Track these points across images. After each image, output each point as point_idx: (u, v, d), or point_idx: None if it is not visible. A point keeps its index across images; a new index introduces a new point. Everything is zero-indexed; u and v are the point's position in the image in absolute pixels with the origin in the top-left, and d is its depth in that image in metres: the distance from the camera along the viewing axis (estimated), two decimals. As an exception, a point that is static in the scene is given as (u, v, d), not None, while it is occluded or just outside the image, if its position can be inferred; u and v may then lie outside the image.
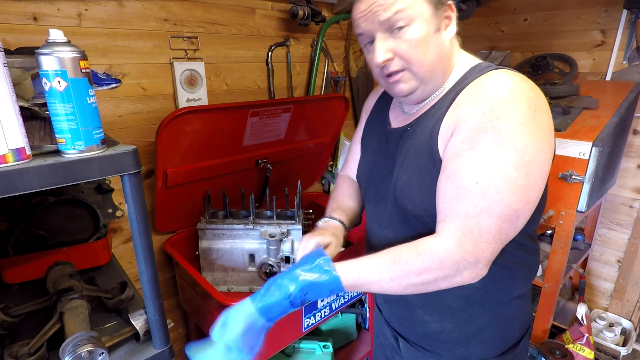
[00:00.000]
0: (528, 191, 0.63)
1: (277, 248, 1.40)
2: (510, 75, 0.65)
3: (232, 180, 1.59)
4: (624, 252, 1.96)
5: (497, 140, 0.61)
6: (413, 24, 0.68)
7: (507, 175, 0.61)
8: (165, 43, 1.41)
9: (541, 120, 0.63)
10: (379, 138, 0.90)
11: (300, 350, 1.62)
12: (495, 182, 0.61)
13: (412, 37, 0.68)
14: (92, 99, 0.63)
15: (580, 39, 1.89)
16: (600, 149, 1.45)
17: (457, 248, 0.64)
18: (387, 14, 0.67)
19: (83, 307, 0.86)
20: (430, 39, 0.69)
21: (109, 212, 1.19)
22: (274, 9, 1.71)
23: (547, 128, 0.64)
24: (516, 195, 0.62)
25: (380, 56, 0.70)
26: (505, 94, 0.62)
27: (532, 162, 0.62)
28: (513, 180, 0.61)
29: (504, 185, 0.61)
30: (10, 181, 0.56)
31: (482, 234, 0.63)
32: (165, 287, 1.64)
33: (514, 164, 0.61)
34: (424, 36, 0.68)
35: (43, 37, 0.65)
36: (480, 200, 0.62)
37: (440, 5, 0.70)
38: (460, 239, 0.64)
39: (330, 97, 1.74)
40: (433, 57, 0.71)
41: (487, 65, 0.72)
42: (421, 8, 0.67)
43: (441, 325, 0.84)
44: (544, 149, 0.63)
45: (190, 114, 1.25)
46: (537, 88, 0.66)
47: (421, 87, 0.74)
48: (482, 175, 0.62)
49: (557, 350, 1.69)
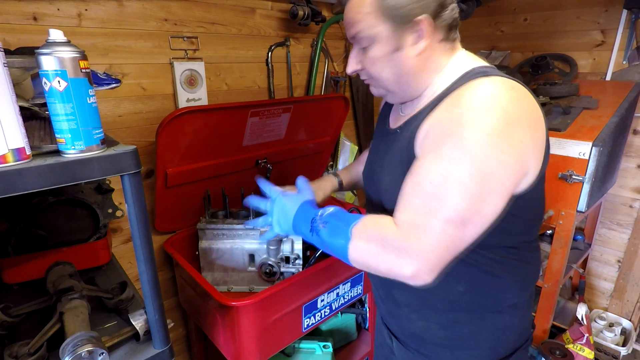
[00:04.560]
0: (480, 202, 0.62)
1: (277, 248, 1.40)
2: (496, 84, 0.64)
3: (232, 180, 1.59)
4: (624, 252, 1.96)
5: (457, 146, 0.62)
6: (373, 45, 0.72)
7: (460, 181, 0.61)
8: (165, 43, 1.41)
9: (513, 133, 0.62)
10: (380, 138, 0.92)
11: (300, 350, 1.62)
12: (447, 186, 0.61)
13: (371, 56, 0.74)
14: (92, 99, 0.63)
15: (580, 39, 1.89)
16: (600, 149, 1.45)
17: (402, 237, 0.63)
18: (352, 32, 0.74)
19: (83, 307, 0.86)
20: (388, 58, 0.72)
21: (109, 212, 1.19)
22: (274, 9, 1.71)
23: (518, 142, 0.62)
24: (465, 203, 0.61)
25: (350, 67, 0.78)
26: (477, 103, 0.63)
27: (490, 174, 0.61)
28: (465, 188, 0.61)
29: (455, 191, 0.61)
30: (10, 181, 0.56)
31: (426, 233, 0.62)
32: (165, 287, 1.64)
33: (469, 172, 0.60)
34: (381, 56, 0.73)
35: (43, 37, 0.65)
36: (430, 200, 0.62)
37: (404, 24, 0.68)
38: (407, 230, 0.63)
39: (330, 97, 1.74)
40: (391, 75, 0.75)
41: (480, 71, 0.70)
42: (379, 28, 0.70)
43: (427, 325, 0.84)
44: (507, 162, 0.62)
45: (190, 114, 1.25)
46: (525, 100, 0.65)
47: (389, 95, 0.78)
48: (436, 177, 0.62)
49: (557, 350, 1.69)
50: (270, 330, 1.26)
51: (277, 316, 1.26)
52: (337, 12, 1.92)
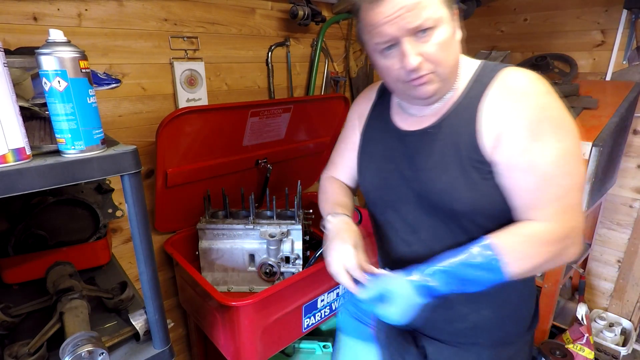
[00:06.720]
0: (583, 161, 0.74)
1: (277, 248, 1.40)
2: (525, 71, 0.73)
3: (232, 180, 1.59)
4: (624, 252, 1.95)
5: (554, 125, 0.69)
6: (439, 27, 0.69)
7: (574, 152, 0.70)
8: (165, 43, 1.41)
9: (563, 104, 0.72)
10: (387, 143, 0.87)
11: (300, 350, 1.62)
12: (569, 161, 0.69)
13: (440, 40, 0.70)
14: (92, 99, 0.63)
15: (580, 39, 1.89)
16: (600, 149, 1.45)
17: (560, 228, 0.69)
18: (418, 20, 0.67)
19: (83, 307, 0.86)
20: (452, 40, 0.73)
21: (109, 212, 1.19)
22: (274, 9, 1.71)
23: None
24: (583, 166, 0.72)
25: (414, 60, 0.69)
26: (540, 88, 0.71)
27: (578, 137, 0.71)
28: (578, 155, 0.71)
29: (575, 161, 0.70)
30: (10, 181, 0.56)
31: (574, 209, 0.70)
32: (165, 287, 1.64)
33: (574, 142, 0.70)
34: (449, 38, 0.71)
35: (43, 37, 0.65)
36: (565, 181, 0.69)
37: (452, 10, 0.72)
38: (560, 219, 0.69)
39: (330, 97, 1.74)
40: (455, 58, 0.74)
41: (495, 64, 0.77)
42: (443, 12, 0.70)
43: (479, 314, 0.86)
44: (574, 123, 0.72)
45: (190, 114, 1.25)
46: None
47: (441, 88, 0.76)
48: (556, 160, 0.68)
49: (557, 350, 1.69)
50: (270, 330, 1.26)
51: (277, 316, 1.26)
52: (337, 12, 1.92)
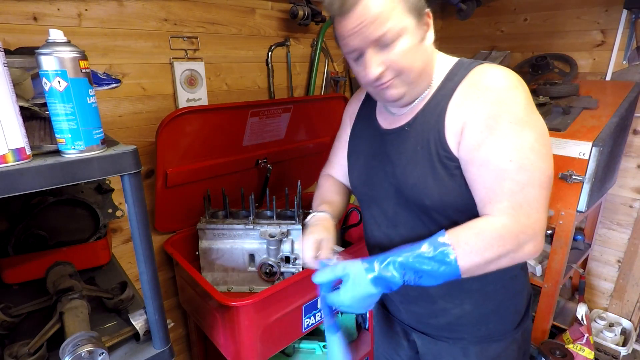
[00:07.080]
0: (550, 158, 0.70)
1: (277, 248, 1.40)
2: (496, 67, 0.73)
3: (232, 180, 1.59)
4: (624, 252, 1.96)
5: (512, 121, 0.68)
6: (403, 37, 0.71)
7: (532, 147, 0.68)
8: (165, 43, 1.41)
9: (532, 100, 0.72)
10: (371, 141, 0.91)
11: (300, 350, 1.62)
12: (526, 156, 0.67)
13: (403, 48, 0.71)
14: (92, 99, 0.63)
15: (580, 39, 1.89)
16: (600, 149, 1.45)
17: (513, 223, 0.67)
18: (378, 33, 0.69)
19: (83, 307, 0.86)
20: (418, 47, 0.73)
21: (109, 212, 1.19)
22: (274, 9, 1.71)
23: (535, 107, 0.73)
24: (545, 163, 0.69)
25: (374, 71, 0.72)
26: (503, 83, 0.70)
27: (544, 134, 0.70)
28: (538, 150, 0.68)
29: (534, 156, 0.67)
30: (10, 181, 0.56)
31: (531, 205, 0.67)
32: (165, 287, 1.64)
33: (534, 137, 0.68)
34: (414, 46, 0.72)
35: (43, 37, 0.65)
36: (519, 176, 0.67)
37: (421, 17, 0.73)
38: (514, 214, 0.67)
39: (330, 97, 1.74)
40: (422, 63, 0.75)
41: (471, 62, 0.77)
42: (406, 22, 0.70)
43: (462, 309, 0.87)
44: (543, 123, 0.72)
45: (190, 114, 1.25)
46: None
47: (409, 91, 0.77)
48: (512, 153, 0.67)
49: (557, 350, 1.69)
50: (270, 330, 1.26)
51: (277, 316, 1.26)
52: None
